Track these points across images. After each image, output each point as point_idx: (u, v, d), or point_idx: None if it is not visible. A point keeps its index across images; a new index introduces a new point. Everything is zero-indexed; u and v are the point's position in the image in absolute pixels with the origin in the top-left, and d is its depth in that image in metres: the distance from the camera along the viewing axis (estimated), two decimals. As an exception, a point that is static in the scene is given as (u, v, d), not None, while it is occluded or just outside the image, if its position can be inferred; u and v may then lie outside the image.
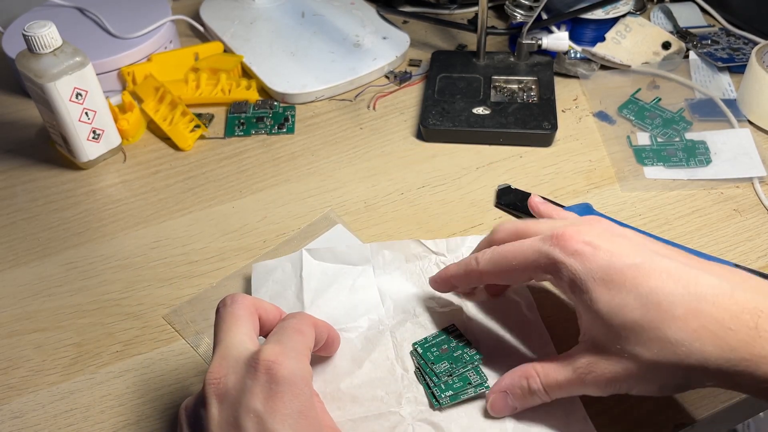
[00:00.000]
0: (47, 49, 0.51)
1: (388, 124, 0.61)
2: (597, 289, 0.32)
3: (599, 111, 0.61)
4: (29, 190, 0.57)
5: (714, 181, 0.53)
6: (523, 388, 0.35)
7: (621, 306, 0.31)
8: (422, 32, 0.73)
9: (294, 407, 0.30)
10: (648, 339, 0.30)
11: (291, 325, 0.34)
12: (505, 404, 0.36)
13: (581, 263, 0.32)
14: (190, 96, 0.63)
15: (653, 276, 0.31)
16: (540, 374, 0.34)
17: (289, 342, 0.32)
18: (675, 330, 0.30)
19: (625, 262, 0.31)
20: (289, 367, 0.30)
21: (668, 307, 0.30)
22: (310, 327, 0.35)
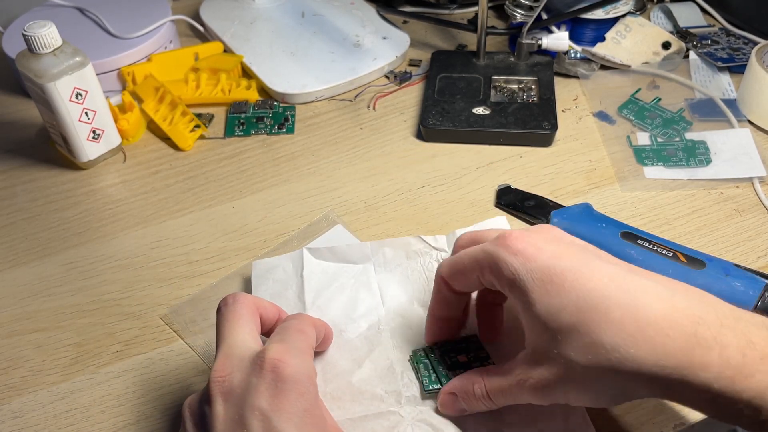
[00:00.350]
0: (47, 49, 0.51)
1: (388, 124, 0.61)
2: (536, 289, 0.31)
3: (599, 111, 0.61)
4: (29, 190, 0.57)
5: (714, 181, 0.53)
6: (469, 392, 0.35)
7: (558, 308, 0.30)
8: (422, 32, 0.73)
9: (300, 405, 0.30)
10: (583, 344, 0.29)
11: (293, 325, 0.34)
12: (453, 405, 0.36)
13: (522, 262, 0.31)
14: (190, 96, 0.63)
15: (593, 279, 0.30)
16: (485, 380, 0.35)
17: (293, 341, 0.32)
18: (610, 334, 0.28)
19: (567, 264, 0.30)
20: (294, 366, 0.31)
21: (605, 310, 0.29)
22: (311, 327, 0.35)
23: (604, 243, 0.46)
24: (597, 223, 0.48)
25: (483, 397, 0.35)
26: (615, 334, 0.28)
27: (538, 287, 0.31)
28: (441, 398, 0.37)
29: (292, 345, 0.32)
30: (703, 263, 0.44)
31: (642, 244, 0.45)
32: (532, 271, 0.31)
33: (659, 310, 0.28)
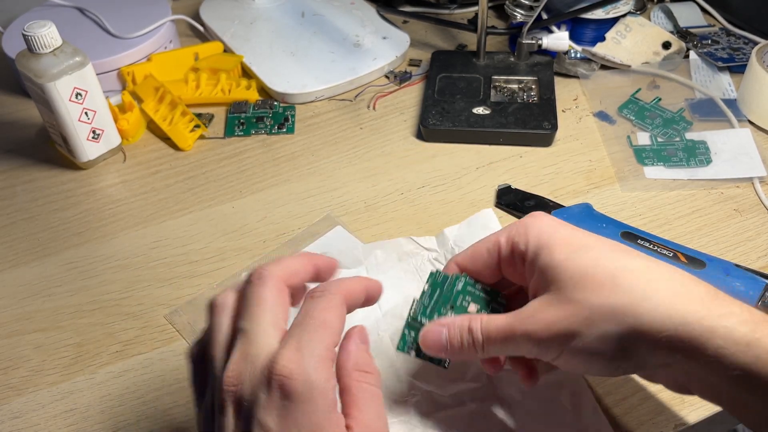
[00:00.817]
0: (47, 49, 0.51)
1: (388, 124, 0.61)
2: (559, 248, 0.32)
3: (599, 111, 0.61)
4: (29, 190, 0.57)
5: (714, 181, 0.53)
6: (462, 327, 0.33)
7: (580, 258, 0.31)
8: (422, 32, 0.73)
9: (304, 423, 0.28)
10: (600, 284, 0.30)
11: (315, 315, 0.30)
12: (438, 338, 0.34)
13: (549, 225, 0.34)
14: (190, 96, 0.63)
15: (617, 247, 0.32)
16: (483, 319, 0.33)
17: (309, 344, 0.29)
18: (629, 279, 0.30)
19: (592, 240, 0.33)
20: (304, 381, 0.28)
21: (626, 261, 0.31)
22: (337, 311, 0.31)
23: (604, 243, 0.46)
24: (597, 223, 0.48)
25: (476, 335, 0.33)
26: (635, 278, 0.30)
27: (561, 245, 0.32)
28: (427, 328, 0.34)
29: (307, 351, 0.29)
30: (704, 263, 0.44)
31: (642, 244, 0.45)
32: (559, 233, 0.33)
33: (677, 272, 0.31)
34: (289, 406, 0.28)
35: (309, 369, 0.28)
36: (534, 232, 0.33)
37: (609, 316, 0.30)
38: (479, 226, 0.47)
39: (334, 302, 0.30)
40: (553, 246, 0.32)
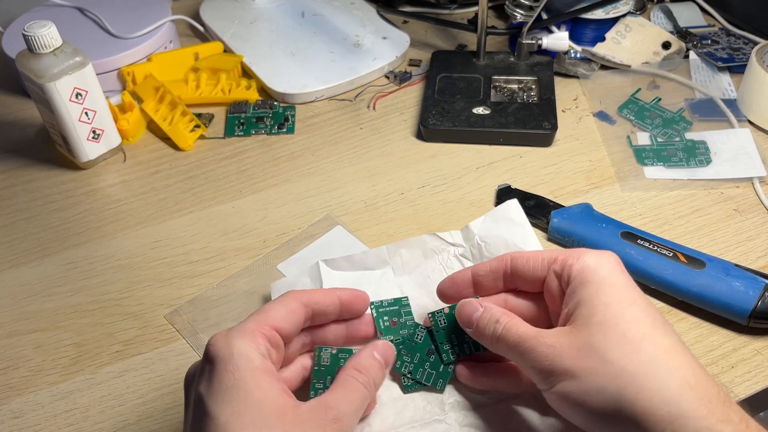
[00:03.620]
0: (47, 49, 0.51)
1: (388, 124, 0.61)
2: (607, 290, 0.32)
3: (599, 111, 0.61)
4: (29, 190, 0.57)
5: (714, 181, 0.53)
6: (493, 316, 0.35)
7: (620, 313, 0.31)
8: (422, 32, 0.73)
9: (227, 382, 0.30)
10: (621, 346, 0.30)
11: (262, 308, 0.34)
12: (471, 312, 0.36)
13: (611, 265, 0.33)
14: (190, 96, 0.63)
15: (656, 317, 0.32)
16: (511, 320, 0.34)
17: (241, 324, 0.33)
18: (651, 353, 0.30)
19: (640, 301, 0.32)
20: (225, 345, 0.31)
21: (656, 335, 0.31)
22: (284, 304, 0.34)
23: (604, 243, 0.46)
24: (597, 223, 0.48)
25: (496, 330, 0.34)
26: (656, 361, 0.30)
27: (610, 288, 0.32)
28: (467, 301, 0.37)
29: (237, 327, 0.32)
30: (703, 263, 0.44)
31: (642, 244, 0.45)
32: (612, 272, 0.33)
33: (697, 367, 0.30)
34: (212, 369, 0.31)
35: (232, 337, 0.31)
36: (593, 263, 0.33)
37: (615, 382, 0.29)
38: (505, 219, 0.45)
39: (285, 299, 0.35)
40: (603, 286, 0.32)
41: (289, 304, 0.35)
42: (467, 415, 0.37)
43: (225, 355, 0.31)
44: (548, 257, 0.35)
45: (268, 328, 0.33)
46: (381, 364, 0.35)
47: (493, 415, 0.37)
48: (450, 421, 0.37)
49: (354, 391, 0.33)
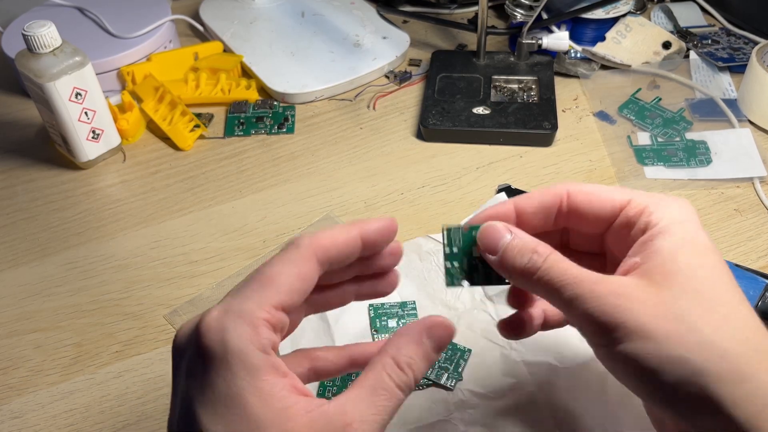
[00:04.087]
0: (47, 49, 0.51)
1: (388, 124, 0.61)
2: (691, 247, 0.27)
3: (599, 111, 0.61)
4: (29, 190, 0.57)
5: (714, 181, 0.53)
6: (527, 244, 0.28)
7: (709, 276, 0.26)
8: (422, 32, 0.73)
9: (221, 389, 0.24)
10: (708, 311, 0.25)
11: (264, 269, 0.27)
12: (497, 238, 0.29)
13: (694, 221, 0.28)
14: (190, 96, 0.63)
15: (744, 299, 0.27)
16: (554, 253, 0.28)
17: (240, 301, 0.25)
18: (741, 328, 0.25)
19: (721, 264, 0.27)
20: (215, 339, 0.24)
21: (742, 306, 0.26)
22: (292, 265, 0.27)
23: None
24: (597, 223, 0.48)
25: (536, 262, 0.28)
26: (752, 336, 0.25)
27: (695, 246, 0.27)
28: (491, 224, 0.30)
29: (235, 307, 0.25)
30: (704, 263, 0.44)
31: (642, 244, 0.45)
32: (698, 234, 0.28)
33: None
34: (204, 367, 0.25)
35: (226, 328, 0.24)
36: (676, 215, 0.28)
37: (703, 355, 0.25)
38: None
39: (292, 255, 0.27)
40: (692, 245, 0.27)
41: (302, 266, 0.27)
42: (473, 415, 0.37)
43: (218, 354, 0.24)
44: (619, 199, 0.29)
45: (272, 310, 0.26)
46: (430, 352, 0.27)
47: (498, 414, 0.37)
48: (455, 421, 0.37)
49: (386, 398, 0.25)
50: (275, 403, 0.24)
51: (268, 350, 0.25)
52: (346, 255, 0.28)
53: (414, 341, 0.27)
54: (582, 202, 0.30)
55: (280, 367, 0.25)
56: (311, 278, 0.27)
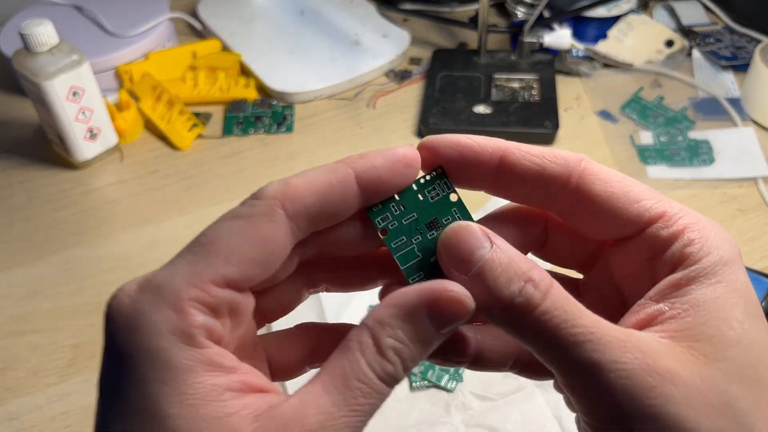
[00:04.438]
0: (44, 48, 0.51)
1: (388, 123, 0.61)
2: (746, 309, 0.19)
3: (601, 110, 0.60)
4: (25, 190, 0.56)
5: (717, 181, 0.53)
6: (520, 269, 0.19)
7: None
8: (423, 30, 0.72)
9: (129, 396, 0.18)
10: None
11: (208, 232, 0.19)
12: (475, 246, 0.19)
13: (737, 255, 0.20)
14: (188, 95, 0.62)
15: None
16: (555, 286, 0.19)
17: (166, 272, 0.19)
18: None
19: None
20: (123, 326, 0.18)
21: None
22: (247, 227, 0.19)
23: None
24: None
25: (534, 298, 0.18)
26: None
27: (745, 300, 0.19)
28: (462, 228, 0.20)
29: (158, 282, 0.18)
30: (707, 264, 0.43)
31: (645, 244, 0.45)
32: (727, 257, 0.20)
33: None
34: (112, 365, 0.19)
35: (139, 312, 0.18)
36: (724, 252, 0.20)
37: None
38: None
39: (248, 210, 0.19)
40: (743, 303, 0.19)
41: (260, 224, 0.19)
42: (473, 416, 0.37)
43: (125, 351, 0.18)
44: (651, 207, 0.20)
45: (209, 287, 0.18)
46: (431, 335, 0.19)
47: (499, 416, 0.37)
48: (456, 423, 0.37)
49: (361, 394, 0.18)
50: (208, 413, 0.18)
51: (198, 341, 0.18)
52: (334, 205, 0.20)
53: (407, 316, 0.19)
54: (600, 192, 0.21)
55: (219, 361, 0.18)
56: (278, 241, 0.19)
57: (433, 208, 0.21)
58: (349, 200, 0.20)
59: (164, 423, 0.17)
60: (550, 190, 0.21)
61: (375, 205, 0.21)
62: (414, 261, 0.21)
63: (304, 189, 0.20)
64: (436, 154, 0.21)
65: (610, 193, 0.21)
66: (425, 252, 0.21)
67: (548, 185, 0.21)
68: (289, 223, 0.19)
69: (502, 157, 0.21)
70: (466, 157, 0.21)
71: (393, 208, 0.21)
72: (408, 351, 0.19)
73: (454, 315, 0.19)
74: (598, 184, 0.21)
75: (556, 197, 0.21)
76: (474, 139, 0.21)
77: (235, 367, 0.19)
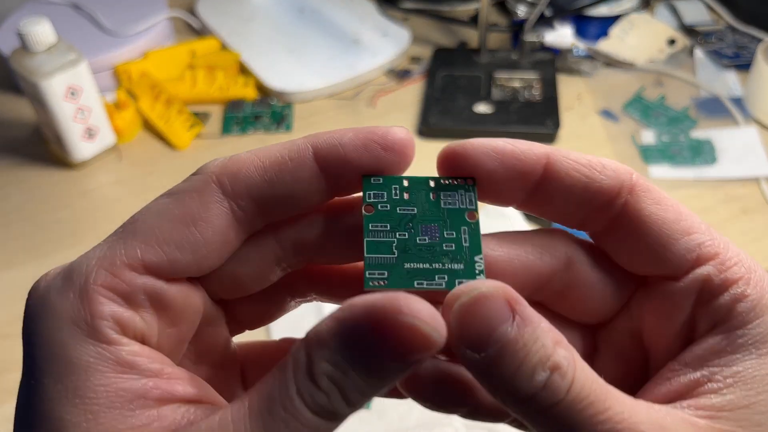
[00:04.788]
0: (41, 47, 0.50)
1: (388, 123, 0.60)
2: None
3: (603, 109, 0.60)
4: (23, 190, 0.56)
5: (720, 181, 0.52)
6: (543, 350, 0.15)
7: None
8: (423, 29, 0.72)
9: (35, 408, 0.16)
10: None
11: (137, 216, 0.17)
12: (498, 320, 0.15)
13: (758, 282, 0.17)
14: (187, 94, 0.62)
15: None
16: (579, 362, 0.15)
17: (87, 254, 0.16)
18: None
19: None
20: (30, 315, 0.16)
21: None
22: (179, 202, 0.16)
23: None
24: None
25: (561, 364, 0.15)
26: None
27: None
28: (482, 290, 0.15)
29: (73, 266, 0.16)
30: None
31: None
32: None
33: None
34: (24, 362, 0.17)
35: (46, 300, 0.16)
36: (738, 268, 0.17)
37: None
38: (497, 215, 0.44)
39: (181, 186, 0.17)
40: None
41: (190, 202, 0.16)
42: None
43: (25, 336, 0.16)
44: (696, 243, 0.17)
45: (124, 272, 0.16)
46: (382, 368, 0.15)
47: None
48: (457, 425, 0.36)
49: (286, 426, 0.15)
50: (108, 423, 0.15)
51: (104, 335, 0.15)
52: (286, 187, 0.17)
53: (348, 336, 0.14)
54: (650, 214, 0.17)
55: (131, 361, 0.15)
56: (208, 221, 0.16)
57: (441, 214, 0.18)
58: (304, 182, 0.17)
59: (55, 429, 0.15)
60: (594, 206, 0.17)
61: (376, 177, 0.18)
62: (384, 256, 0.17)
63: (248, 164, 0.17)
64: (469, 163, 0.18)
65: (662, 218, 0.17)
66: (403, 253, 0.17)
67: (593, 201, 0.17)
68: (227, 202, 0.16)
69: (547, 166, 0.17)
70: (508, 167, 0.17)
71: (394, 190, 0.18)
72: (349, 382, 0.14)
73: (410, 348, 0.14)
74: (649, 204, 0.17)
75: (597, 216, 0.18)
76: (515, 144, 0.17)
77: (156, 370, 0.16)
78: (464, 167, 0.18)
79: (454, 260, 0.17)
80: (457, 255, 0.17)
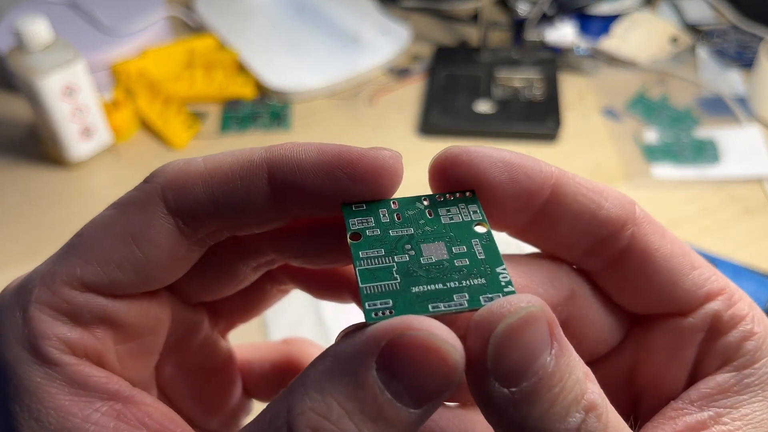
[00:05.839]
0: (38, 46, 0.50)
1: (388, 122, 0.60)
2: None
3: (605, 108, 0.59)
4: (19, 189, 0.55)
5: (723, 180, 0.52)
6: (578, 390, 0.13)
7: None
8: (423, 27, 0.71)
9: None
10: None
11: (84, 229, 0.16)
12: (540, 349, 0.13)
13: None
14: (185, 92, 0.61)
15: None
16: (608, 407, 0.14)
17: (39, 268, 0.16)
18: None
19: None
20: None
21: None
22: (121, 217, 0.16)
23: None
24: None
25: (596, 404, 0.14)
26: None
27: None
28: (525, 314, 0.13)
29: (23, 281, 0.16)
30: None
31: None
32: None
33: None
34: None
35: (4, 300, 0.15)
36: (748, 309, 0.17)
37: None
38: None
39: (124, 199, 0.16)
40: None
41: (132, 217, 0.15)
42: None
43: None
44: (704, 278, 0.17)
45: (64, 290, 0.15)
46: (388, 415, 0.13)
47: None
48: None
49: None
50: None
51: (49, 354, 0.14)
52: (236, 206, 0.15)
53: (350, 386, 0.13)
54: (658, 248, 0.16)
55: (84, 382, 0.15)
56: (151, 239, 0.15)
57: (444, 230, 0.15)
58: (256, 204, 0.15)
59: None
60: (599, 237, 0.16)
61: (358, 203, 0.15)
62: (384, 283, 0.14)
63: (195, 178, 0.15)
64: (472, 172, 0.15)
65: (670, 251, 0.16)
66: (407, 277, 0.14)
67: (599, 230, 0.16)
68: (171, 218, 0.15)
69: (555, 188, 0.15)
70: (516, 181, 0.15)
71: (382, 214, 0.15)
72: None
73: (430, 378, 0.12)
74: (657, 237, 0.16)
75: (601, 249, 0.16)
76: (523, 158, 0.15)
77: (112, 392, 0.15)
78: (465, 176, 0.15)
79: (471, 275, 0.14)
80: (473, 269, 0.14)
